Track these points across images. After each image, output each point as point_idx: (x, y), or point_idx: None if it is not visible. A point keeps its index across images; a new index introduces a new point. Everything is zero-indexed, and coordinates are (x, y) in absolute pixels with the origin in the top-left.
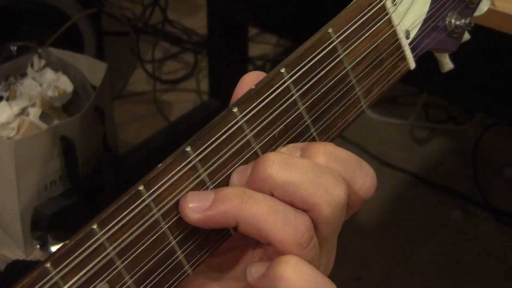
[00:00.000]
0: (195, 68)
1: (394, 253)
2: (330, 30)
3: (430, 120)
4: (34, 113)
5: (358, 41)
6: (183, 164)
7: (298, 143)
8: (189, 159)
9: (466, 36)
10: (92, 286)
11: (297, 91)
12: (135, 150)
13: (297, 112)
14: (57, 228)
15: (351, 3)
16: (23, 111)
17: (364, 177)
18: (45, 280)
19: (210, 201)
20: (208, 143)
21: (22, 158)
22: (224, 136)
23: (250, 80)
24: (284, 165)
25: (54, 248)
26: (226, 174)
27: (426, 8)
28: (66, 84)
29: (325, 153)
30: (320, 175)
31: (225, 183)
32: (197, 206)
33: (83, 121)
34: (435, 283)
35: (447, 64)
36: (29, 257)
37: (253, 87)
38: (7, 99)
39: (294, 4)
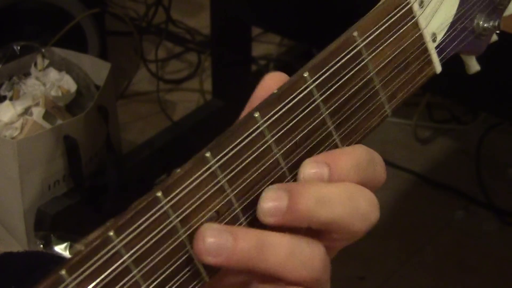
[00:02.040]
0: (199, 67)
1: (398, 253)
2: (355, 34)
3: (433, 120)
4: (37, 112)
5: (384, 45)
6: (202, 170)
7: (319, 156)
8: (209, 165)
9: (494, 37)
10: None
11: (320, 95)
12: (139, 150)
13: (320, 117)
14: (60, 227)
15: (377, 5)
16: (27, 111)
17: (380, 169)
18: (60, 287)
19: (226, 248)
20: (228, 148)
21: (26, 157)
22: (245, 142)
23: (271, 81)
24: (324, 202)
25: (57, 248)
26: (246, 181)
27: (453, 11)
28: (69, 84)
29: (353, 166)
30: (357, 204)
31: (245, 190)
32: (212, 249)
33: (87, 121)
34: (438, 282)
35: (474, 66)
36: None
37: (275, 91)
38: (11, 99)
39: (297, 3)
